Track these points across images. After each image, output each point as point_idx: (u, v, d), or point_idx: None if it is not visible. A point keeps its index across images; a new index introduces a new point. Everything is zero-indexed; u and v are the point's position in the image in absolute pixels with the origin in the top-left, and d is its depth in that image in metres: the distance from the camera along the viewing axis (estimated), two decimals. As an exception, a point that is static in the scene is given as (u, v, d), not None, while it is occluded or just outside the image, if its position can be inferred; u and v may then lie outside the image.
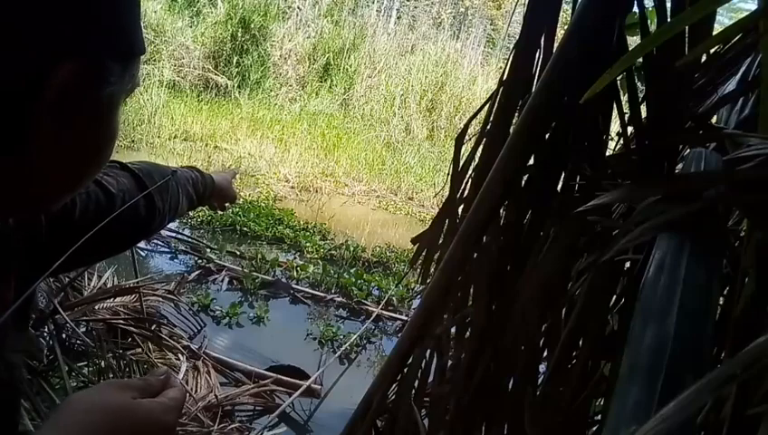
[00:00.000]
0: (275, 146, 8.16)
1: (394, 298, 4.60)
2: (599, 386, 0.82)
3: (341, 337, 3.95)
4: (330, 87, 11.05)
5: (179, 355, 3.15)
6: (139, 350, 2.95)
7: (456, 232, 0.96)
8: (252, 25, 10.01)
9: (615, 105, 0.88)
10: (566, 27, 0.87)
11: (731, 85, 0.92)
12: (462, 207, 1.04)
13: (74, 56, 0.43)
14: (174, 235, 4.87)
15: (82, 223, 0.74)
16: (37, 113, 0.43)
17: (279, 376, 3.22)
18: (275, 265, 4.76)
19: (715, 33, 0.80)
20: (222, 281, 4.40)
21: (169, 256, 4.67)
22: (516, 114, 0.96)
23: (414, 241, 1.15)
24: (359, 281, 4.71)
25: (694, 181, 0.64)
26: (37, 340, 2.38)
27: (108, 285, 3.28)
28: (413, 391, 0.98)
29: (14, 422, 0.58)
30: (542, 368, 0.91)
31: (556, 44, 0.90)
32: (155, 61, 9.41)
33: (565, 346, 0.82)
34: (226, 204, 1.37)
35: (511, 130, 0.92)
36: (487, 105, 1.02)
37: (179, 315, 3.63)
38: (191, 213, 5.43)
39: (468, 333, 0.98)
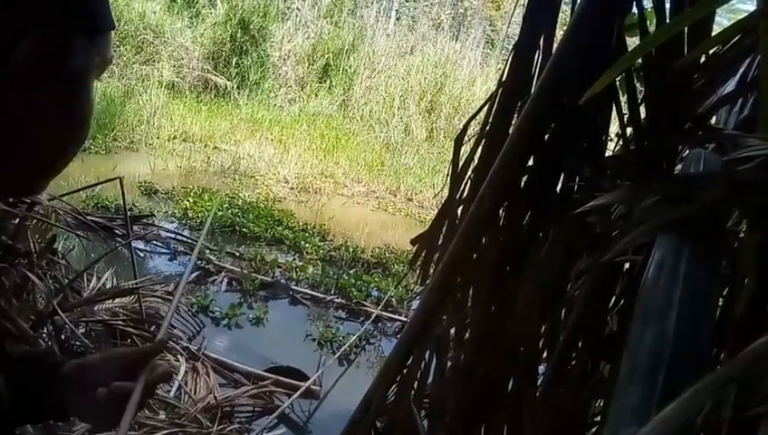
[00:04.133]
0: (275, 147, 8.15)
1: (393, 299, 4.59)
2: (598, 387, 0.82)
3: (341, 338, 3.95)
4: (329, 88, 11.04)
5: (178, 356, 3.15)
6: (138, 351, 2.94)
7: (455, 233, 0.96)
8: (251, 26, 10.01)
9: (614, 106, 0.88)
10: (565, 28, 0.87)
11: (730, 86, 0.91)
12: (461, 207, 1.04)
13: (38, 31, 0.43)
14: (173, 236, 4.86)
15: None
16: (3, 88, 0.44)
17: (278, 377, 3.22)
18: (275, 266, 4.76)
19: (714, 33, 0.80)
20: (221, 282, 4.39)
21: (168, 256, 4.66)
22: (515, 115, 0.96)
23: (413, 242, 1.15)
24: (358, 282, 4.71)
25: (693, 182, 0.64)
26: (36, 341, 2.37)
27: (107, 286, 3.28)
28: (412, 392, 0.98)
29: None
30: (541, 369, 0.91)
31: (555, 45, 0.90)
32: (154, 61, 9.40)
33: (565, 347, 0.82)
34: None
35: (510, 131, 0.92)
36: (486, 106, 1.02)
37: (178, 316, 3.62)
38: (190, 213, 5.43)
39: (468, 335, 0.97)
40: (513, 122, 0.94)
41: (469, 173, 1.05)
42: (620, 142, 0.91)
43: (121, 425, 0.59)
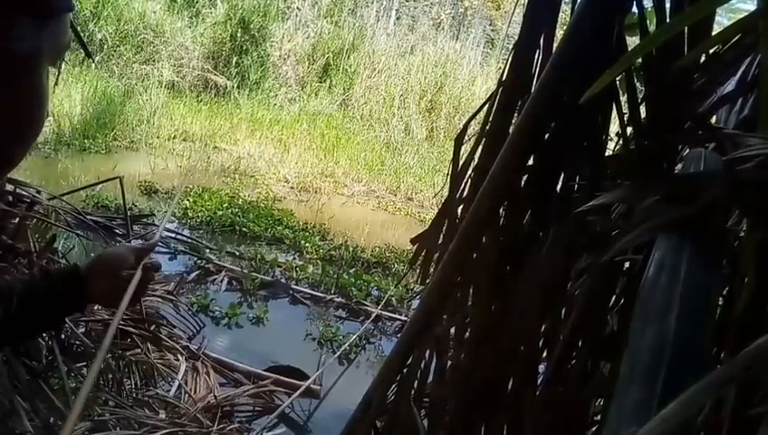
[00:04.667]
0: (275, 146, 8.15)
1: (393, 299, 4.59)
2: (598, 386, 0.82)
3: (341, 338, 3.95)
4: (329, 87, 11.04)
5: (178, 356, 3.15)
6: (138, 350, 2.95)
7: (455, 232, 0.96)
8: (251, 26, 10.00)
9: (614, 105, 0.88)
10: (565, 27, 0.87)
11: (730, 86, 0.92)
12: (461, 207, 1.04)
13: None
14: (173, 235, 4.87)
15: None
16: None
17: (278, 377, 3.22)
18: (275, 265, 4.76)
19: (714, 33, 0.80)
20: (221, 281, 4.40)
21: (168, 256, 4.66)
22: (516, 114, 0.96)
23: (413, 241, 1.15)
24: (358, 281, 4.71)
25: (693, 182, 0.64)
26: (36, 340, 2.38)
27: (107, 286, 3.27)
28: (412, 392, 0.98)
29: None
30: (541, 368, 0.91)
31: (555, 45, 0.90)
32: (154, 61, 9.40)
33: (565, 347, 0.82)
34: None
35: (510, 131, 0.92)
36: (486, 105, 1.02)
37: (178, 316, 3.62)
38: (190, 213, 5.42)
39: (468, 334, 0.97)
40: (514, 122, 0.94)
41: (469, 172, 1.05)
42: (621, 142, 0.91)
43: (123, 300, 0.87)
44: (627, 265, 0.85)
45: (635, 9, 0.86)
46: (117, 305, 0.88)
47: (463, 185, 1.05)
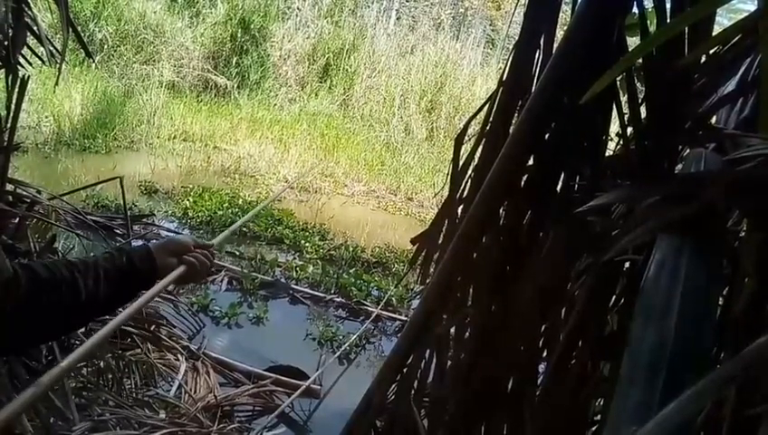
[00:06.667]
0: (275, 146, 8.15)
1: (393, 298, 4.59)
2: (599, 386, 0.82)
3: (341, 337, 3.95)
4: (329, 87, 11.03)
5: (178, 356, 3.15)
6: (138, 350, 2.95)
7: (455, 232, 0.96)
8: (251, 26, 10.00)
9: (615, 106, 0.88)
10: (566, 28, 0.87)
11: (730, 86, 0.92)
12: (461, 207, 1.04)
13: None
14: (173, 234, 4.87)
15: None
16: None
17: (278, 376, 3.22)
18: (275, 265, 4.76)
19: (714, 33, 0.80)
20: (221, 281, 4.39)
21: (169, 256, 4.65)
22: (516, 115, 0.96)
23: (413, 241, 1.16)
24: (358, 281, 4.71)
25: (694, 182, 0.64)
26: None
27: (107, 286, 3.27)
28: (412, 391, 0.98)
29: None
30: (541, 368, 0.91)
31: (556, 45, 0.90)
32: (154, 61, 9.40)
33: (565, 346, 0.82)
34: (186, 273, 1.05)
35: (510, 131, 0.92)
36: (487, 106, 1.02)
37: (178, 316, 3.62)
38: (190, 213, 5.42)
39: (468, 334, 0.98)
40: (514, 122, 0.95)
41: (469, 172, 1.05)
42: (621, 142, 0.91)
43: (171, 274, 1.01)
44: (627, 265, 0.85)
45: (635, 9, 0.86)
46: (185, 282, 1.07)
47: (463, 185, 1.05)
